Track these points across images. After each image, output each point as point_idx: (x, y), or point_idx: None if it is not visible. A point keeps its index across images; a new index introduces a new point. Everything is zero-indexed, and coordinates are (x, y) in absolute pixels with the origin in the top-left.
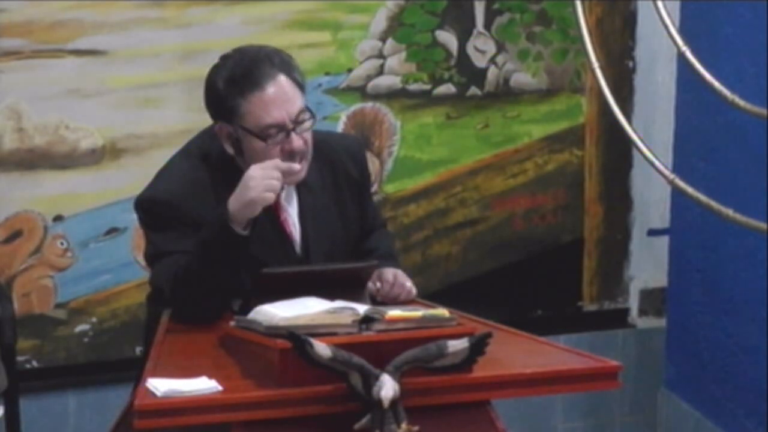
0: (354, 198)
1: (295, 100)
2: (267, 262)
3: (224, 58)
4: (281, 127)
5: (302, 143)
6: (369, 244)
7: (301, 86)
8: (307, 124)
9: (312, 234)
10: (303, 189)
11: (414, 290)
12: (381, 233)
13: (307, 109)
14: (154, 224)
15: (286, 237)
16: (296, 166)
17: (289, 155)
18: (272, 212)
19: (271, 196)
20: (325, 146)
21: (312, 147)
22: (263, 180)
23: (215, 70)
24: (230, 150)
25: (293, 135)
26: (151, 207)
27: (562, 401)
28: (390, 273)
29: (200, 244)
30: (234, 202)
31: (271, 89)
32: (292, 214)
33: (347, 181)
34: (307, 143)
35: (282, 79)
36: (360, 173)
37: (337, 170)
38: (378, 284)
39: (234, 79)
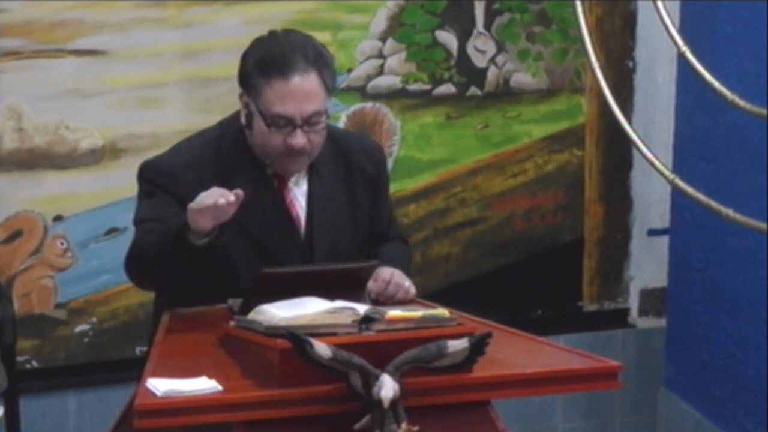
0: (367, 194)
1: (314, 100)
2: (269, 244)
3: (270, 34)
4: (289, 121)
5: (305, 142)
6: (380, 249)
7: (328, 88)
8: (319, 126)
9: (317, 218)
10: (314, 175)
11: (413, 290)
12: (398, 244)
13: (324, 112)
14: (146, 191)
15: (290, 219)
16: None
17: (289, 150)
18: (277, 195)
19: (203, 204)
20: (343, 142)
21: (324, 142)
22: (203, 198)
23: (256, 43)
24: (243, 120)
25: (298, 131)
26: (147, 173)
27: (562, 401)
28: (387, 272)
29: (160, 241)
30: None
31: (294, 82)
32: (299, 198)
33: (362, 176)
34: (312, 143)
35: (311, 75)
36: (376, 172)
37: (352, 165)
38: (371, 283)
39: (266, 60)
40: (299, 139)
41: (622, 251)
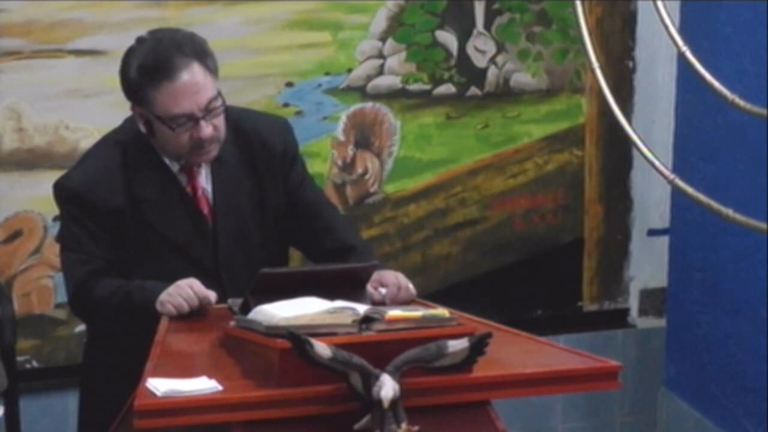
0: (274, 172)
1: (205, 89)
2: (181, 241)
3: (139, 42)
4: (190, 117)
5: (211, 130)
6: (340, 236)
7: (213, 72)
8: (218, 111)
9: (220, 204)
10: (215, 164)
11: (414, 290)
12: (341, 221)
13: (218, 95)
14: (62, 210)
15: (198, 213)
16: (210, 299)
17: (198, 142)
18: (185, 191)
19: (169, 309)
20: (243, 121)
21: (226, 126)
22: (176, 295)
23: (129, 55)
24: (143, 129)
25: (202, 123)
26: (59, 194)
27: (562, 401)
28: (392, 276)
29: (121, 307)
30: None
31: (181, 79)
32: (208, 190)
33: (265, 155)
34: (218, 129)
35: (194, 67)
36: (283, 148)
37: (253, 144)
38: (383, 290)
39: (145, 67)
40: (205, 129)
41: (622, 251)
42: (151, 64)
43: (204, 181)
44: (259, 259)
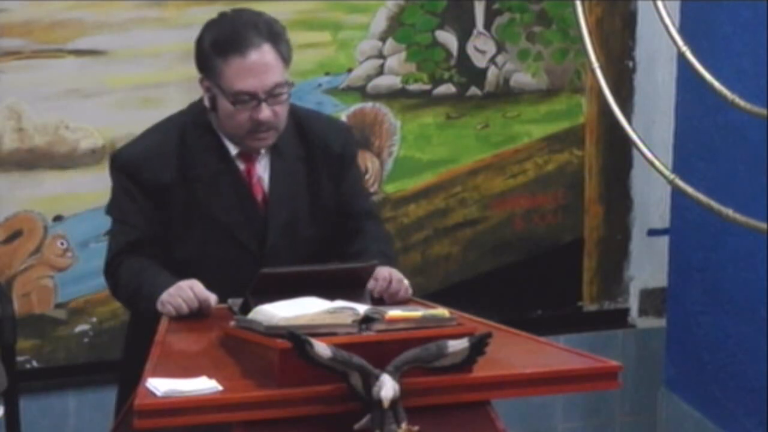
0: (331, 171)
1: (273, 72)
2: (232, 226)
3: (221, 16)
4: (253, 96)
5: (271, 115)
6: (361, 243)
7: (285, 59)
8: (282, 97)
9: (274, 194)
10: (275, 154)
11: (410, 289)
12: (375, 232)
13: (285, 83)
14: (115, 180)
15: (253, 200)
16: (210, 301)
17: (256, 124)
18: (242, 176)
19: (168, 309)
20: (307, 120)
21: (286, 119)
22: (176, 296)
23: (208, 26)
24: (207, 103)
25: (263, 105)
26: (114, 163)
27: (562, 401)
28: (385, 271)
29: (132, 298)
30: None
31: (251, 57)
32: (264, 178)
33: (325, 154)
34: (278, 116)
35: (266, 48)
36: (342, 149)
37: (314, 143)
38: (373, 282)
39: (219, 40)
40: (265, 112)
41: (622, 251)
42: (225, 38)
43: (262, 169)
44: (305, 253)
